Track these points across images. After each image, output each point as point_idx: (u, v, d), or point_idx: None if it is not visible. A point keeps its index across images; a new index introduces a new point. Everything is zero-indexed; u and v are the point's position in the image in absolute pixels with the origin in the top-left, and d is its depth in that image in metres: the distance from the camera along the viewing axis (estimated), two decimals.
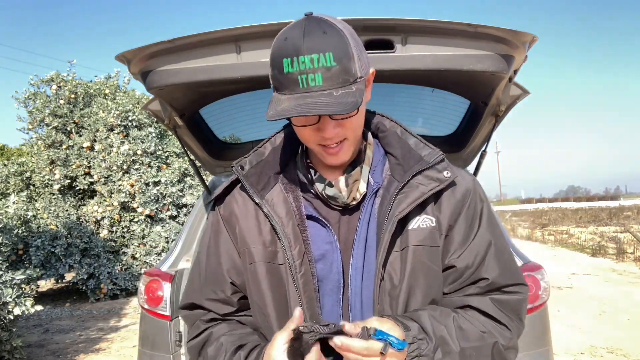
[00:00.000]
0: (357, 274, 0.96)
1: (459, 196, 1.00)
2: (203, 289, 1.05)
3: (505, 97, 1.89)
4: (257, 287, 0.99)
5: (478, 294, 0.98)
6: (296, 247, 0.95)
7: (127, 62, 1.66)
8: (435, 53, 1.50)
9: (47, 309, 6.76)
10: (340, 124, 0.90)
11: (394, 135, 1.05)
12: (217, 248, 1.06)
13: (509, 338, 0.97)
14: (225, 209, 1.06)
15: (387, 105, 2.39)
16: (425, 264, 0.96)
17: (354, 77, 0.86)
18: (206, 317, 1.04)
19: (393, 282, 0.95)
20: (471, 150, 2.53)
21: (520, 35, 1.47)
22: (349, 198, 0.98)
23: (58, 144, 7.93)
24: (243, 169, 1.02)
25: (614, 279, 8.20)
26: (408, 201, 0.95)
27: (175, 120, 2.11)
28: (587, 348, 4.55)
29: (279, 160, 1.04)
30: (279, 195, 1.00)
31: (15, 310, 3.60)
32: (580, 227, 18.92)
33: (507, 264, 1.01)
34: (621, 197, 71.87)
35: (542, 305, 2.19)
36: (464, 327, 0.93)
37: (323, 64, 0.83)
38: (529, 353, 2.16)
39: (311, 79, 0.83)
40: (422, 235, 0.96)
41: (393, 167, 1.01)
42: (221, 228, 1.06)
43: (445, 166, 0.99)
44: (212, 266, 1.05)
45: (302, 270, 0.95)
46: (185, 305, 1.08)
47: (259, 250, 0.99)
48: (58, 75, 8.31)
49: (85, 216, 7.67)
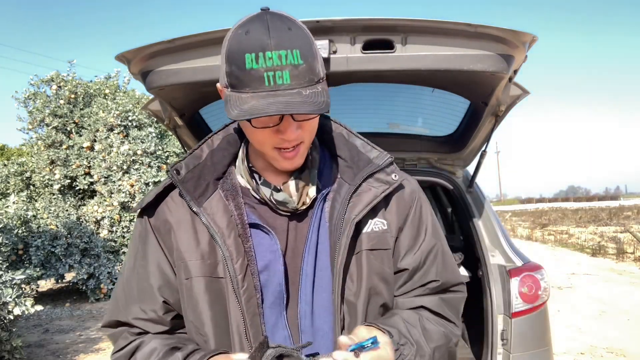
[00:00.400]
0: (308, 282, 0.92)
1: (407, 198, 1.01)
2: (130, 307, 0.94)
3: (505, 97, 1.88)
4: (193, 304, 0.91)
5: (428, 294, 0.99)
6: (238, 260, 0.88)
7: (127, 62, 1.66)
8: (435, 53, 1.50)
9: (47, 309, 6.75)
10: (300, 126, 0.85)
11: (341, 137, 1.01)
12: (145, 262, 0.96)
13: (457, 335, 1.00)
14: (156, 218, 0.96)
15: (387, 105, 2.39)
16: (380, 267, 0.95)
17: (318, 76, 0.83)
18: (134, 330, 0.94)
19: (350, 288, 0.92)
20: (471, 150, 2.53)
21: (520, 35, 1.47)
22: (299, 203, 0.93)
23: (58, 144, 7.93)
24: (179, 174, 0.92)
25: (614, 279, 8.20)
26: (363, 204, 0.93)
27: (175, 120, 2.11)
28: (587, 348, 4.55)
29: (217, 164, 0.96)
30: (218, 203, 0.92)
31: (15, 310, 3.60)
32: (580, 227, 18.92)
33: (451, 265, 1.03)
34: (621, 197, 71.88)
35: (542, 305, 2.20)
36: (428, 328, 0.94)
37: (291, 62, 0.78)
38: (529, 353, 2.16)
39: (279, 77, 0.78)
40: (375, 239, 0.95)
41: (342, 170, 0.98)
42: (150, 239, 0.96)
43: (393, 169, 0.98)
44: (141, 283, 0.95)
45: (245, 285, 0.88)
46: (109, 323, 0.97)
47: (197, 264, 0.91)
48: (58, 75, 8.32)
49: (85, 216, 7.67)
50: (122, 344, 0.93)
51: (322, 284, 0.92)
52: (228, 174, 0.97)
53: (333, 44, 1.49)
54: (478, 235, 2.44)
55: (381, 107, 2.41)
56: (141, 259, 0.96)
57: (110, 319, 0.96)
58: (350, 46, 1.50)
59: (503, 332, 2.18)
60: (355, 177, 0.96)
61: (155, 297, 0.94)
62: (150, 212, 0.97)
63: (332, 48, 1.49)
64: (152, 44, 1.55)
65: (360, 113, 2.47)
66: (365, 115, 2.50)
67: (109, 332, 0.97)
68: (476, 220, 2.48)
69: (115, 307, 0.97)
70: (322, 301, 0.92)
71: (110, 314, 0.97)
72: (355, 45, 1.50)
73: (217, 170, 0.96)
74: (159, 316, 0.94)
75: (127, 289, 0.96)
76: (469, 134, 2.35)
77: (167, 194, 0.97)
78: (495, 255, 2.36)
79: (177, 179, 0.92)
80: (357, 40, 1.49)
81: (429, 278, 0.99)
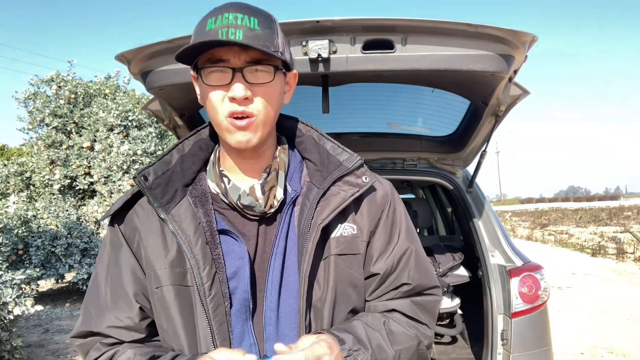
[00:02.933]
0: (274, 288, 0.90)
1: (379, 201, 0.98)
2: (103, 315, 0.91)
3: (505, 97, 1.88)
4: (166, 313, 0.89)
5: (400, 297, 0.98)
6: (205, 268, 0.86)
7: (127, 62, 1.66)
8: (435, 53, 1.50)
9: (47, 309, 6.75)
10: (252, 90, 0.84)
11: (311, 140, 0.99)
12: (119, 269, 0.93)
13: (429, 337, 0.99)
14: (126, 225, 0.94)
15: (387, 105, 2.39)
16: (348, 272, 0.93)
17: (276, 48, 0.84)
18: (107, 340, 0.91)
19: (317, 294, 0.91)
20: (471, 150, 2.53)
21: (520, 35, 1.47)
22: (266, 206, 0.91)
23: (58, 144, 7.93)
24: (147, 180, 0.91)
25: (614, 279, 8.20)
26: (330, 208, 0.91)
27: (175, 120, 2.11)
28: (587, 348, 4.55)
29: (187, 170, 0.95)
30: (187, 211, 0.90)
31: (15, 310, 3.60)
32: (580, 227, 18.92)
33: (425, 268, 1.01)
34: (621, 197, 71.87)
35: (542, 305, 2.20)
36: (394, 330, 0.94)
37: (247, 24, 0.81)
38: (529, 353, 2.16)
39: (232, 33, 0.80)
40: (344, 244, 0.93)
41: (312, 173, 0.97)
42: (123, 247, 0.94)
43: (364, 171, 0.96)
44: (115, 290, 0.92)
45: (213, 293, 0.86)
46: (80, 334, 0.93)
47: (166, 272, 0.89)
48: (58, 75, 8.32)
49: (85, 216, 7.67)
50: (95, 355, 0.91)
51: (289, 289, 0.91)
52: (198, 180, 0.96)
53: (333, 44, 1.49)
54: (478, 235, 2.44)
55: (381, 107, 2.41)
56: (114, 267, 0.94)
57: (82, 329, 0.93)
58: (350, 46, 1.50)
59: (503, 332, 2.18)
60: (325, 180, 0.94)
61: (132, 303, 0.92)
62: (119, 220, 0.96)
63: (332, 48, 1.49)
64: (152, 44, 1.55)
65: (360, 113, 2.47)
66: (366, 115, 2.50)
67: (79, 343, 0.93)
68: (476, 220, 2.48)
69: (86, 317, 0.93)
70: (288, 307, 0.91)
71: (81, 324, 0.93)
72: (355, 45, 1.50)
73: (187, 177, 0.95)
74: (135, 323, 0.91)
75: (99, 297, 0.93)
76: (469, 134, 2.35)
77: (136, 201, 0.95)
78: (495, 255, 2.36)
79: (144, 185, 0.90)
80: (357, 40, 1.49)
81: (401, 281, 0.97)
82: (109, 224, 0.98)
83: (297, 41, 1.48)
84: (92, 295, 0.95)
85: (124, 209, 0.95)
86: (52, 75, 8.29)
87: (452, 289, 2.97)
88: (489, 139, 2.32)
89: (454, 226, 3.92)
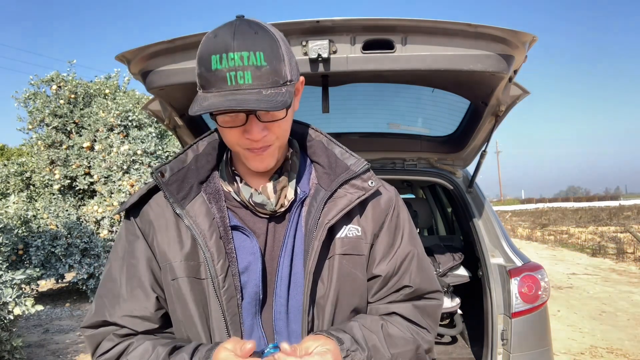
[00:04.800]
0: (283, 284, 0.94)
1: (383, 205, 1.02)
2: (119, 305, 0.93)
3: (505, 97, 1.89)
4: (182, 304, 0.93)
5: (401, 301, 1.01)
6: (219, 261, 0.90)
7: (127, 62, 1.66)
8: (435, 53, 1.50)
9: (47, 309, 6.75)
10: (267, 127, 0.87)
11: (320, 144, 1.04)
12: (135, 260, 0.96)
13: (429, 341, 1.00)
14: (142, 219, 0.98)
15: (387, 105, 2.39)
16: (351, 272, 0.97)
17: (284, 79, 0.84)
18: (120, 331, 0.92)
19: (320, 291, 0.94)
20: (471, 150, 2.53)
21: (520, 35, 1.47)
22: (277, 205, 0.95)
23: (58, 144, 7.93)
24: (163, 176, 0.94)
25: (614, 279, 8.20)
26: (337, 209, 0.95)
27: (175, 120, 2.12)
28: (587, 348, 4.55)
29: (201, 168, 0.99)
30: (201, 207, 0.94)
31: (15, 310, 3.60)
32: (580, 227, 18.93)
33: (427, 272, 1.04)
34: (621, 197, 71.90)
35: (542, 305, 2.20)
36: (392, 334, 0.95)
37: (253, 63, 0.81)
38: (529, 353, 2.16)
39: (240, 77, 0.81)
40: (349, 244, 0.97)
41: (320, 176, 1.01)
42: (139, 238, 0.97)
43: (370, 176, 1.00)
44: (131, 280, 0.95)
45: (226, 285, 0.90)
46: (92, 324, 0.94)
47: (181, 265, 0.93)
48: (58, 75, 8.32)
49: (85, 216, 7.67)
50: (107, 346, 0.92)
51: (297, 286, 0.94)
52: (211, 178, 1.00)
53: (333, 44, 1.49)
54: (478, 235, 2.44)
55: (381, 107, 2.41)
56: (130, 258, 0.96)
57: (94, 319, 0.94)
58: (350, 46, 1.50)
59: (503, 332, 2.18)
60: (332, 183, 0.98)
61: (149, 293, 0.94)
62: (135, 213, 0.99)
63: (332, 48, 1.50)
64: (152, 44, 1.56)
65: (360, 113, 2.47)
66: (366, 115, 2.50)
67: (89, 333, 0.94)
68: (476, 220, 2.48)
69: (100, 307, 0.94)
70: (296, 303, 0.94)
71: (94, 314, 0.94)
72: (355, 45, 1.50)
73: (201, 174, 0.98)
74: (151, 313, 0.94)
75: (114, 288, 0.95)
76: (469, 134, 2.35)
77: (151, 196, 0.99)
78: (495, 255, 2.36)
79: (161, 182, 0.94)
80: (357, 40, 1.50)
81: (402, 284, 1.00)
82: (124, 217, 1.01)
83: (297, 41, 1.49)
84: (106, 287, 0.97)
85: (139, 203, 0.99)
86: (52, 75, 8.28)
87: (452, 289, 2.97)
88: (489, 139, 2.32)
89: (454, 226, 3.92)
